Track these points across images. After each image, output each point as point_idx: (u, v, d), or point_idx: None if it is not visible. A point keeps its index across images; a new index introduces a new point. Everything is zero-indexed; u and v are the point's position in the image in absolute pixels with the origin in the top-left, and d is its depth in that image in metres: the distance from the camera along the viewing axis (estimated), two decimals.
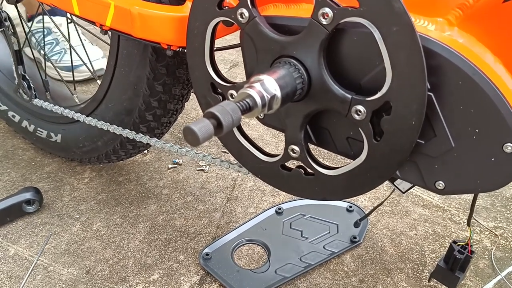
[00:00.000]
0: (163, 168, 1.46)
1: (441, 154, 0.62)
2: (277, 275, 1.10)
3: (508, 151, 0.57)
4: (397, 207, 1.33)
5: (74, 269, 1.11)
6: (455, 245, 0.95)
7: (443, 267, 0.98)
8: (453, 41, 0.57)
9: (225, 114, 0.56)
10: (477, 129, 0.57)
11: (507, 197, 1.37)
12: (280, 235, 1.21)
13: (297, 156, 0.74)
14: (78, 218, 1.26)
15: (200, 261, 1.13)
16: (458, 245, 0.95)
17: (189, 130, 0.53)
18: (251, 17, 0.66)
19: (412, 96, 0.57)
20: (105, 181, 1.40)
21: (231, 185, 1.39)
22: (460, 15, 0.57)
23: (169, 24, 0.81)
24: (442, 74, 0.56)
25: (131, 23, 0.83)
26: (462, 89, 0.56)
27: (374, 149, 0.65)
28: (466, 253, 0.94)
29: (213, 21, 0.70)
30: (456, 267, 0.95)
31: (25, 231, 1.22)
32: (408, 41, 0.54)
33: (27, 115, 1.41)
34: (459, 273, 0.96)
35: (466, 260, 0.94)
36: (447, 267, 0.97)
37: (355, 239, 1.19)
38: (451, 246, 0.96)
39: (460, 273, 0.96)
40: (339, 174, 0.71)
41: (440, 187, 0.65)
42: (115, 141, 1.22)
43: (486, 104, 0.55)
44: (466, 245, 0.95)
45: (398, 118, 0.60)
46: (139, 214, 1.28)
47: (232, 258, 1.15)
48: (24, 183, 1.38)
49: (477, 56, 0.56)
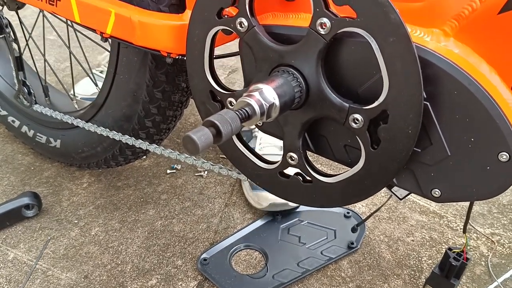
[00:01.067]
0: (161, 174, 1.46)
1: (437, 162, 0.63)
2: (275, 280, 1.10)
3: (503, 160, 0.57)
4: (395, 213, 1.33)
5: (73, 273, 1.11)
6: (451, 252, 0.96)
7: (438, 274, 0.98)
8: (449, 51, 0.58)
9: (224, 123, 0.57)
10: (472, 138, 0.58)
11: (504, 203, 1.38)
12: (277, 240, 1.21)
13: (295, 163, 0.75)
14: (76, 223, 1.26)
15: (198, 266, 1.13)
16: (454, 252, 0.96)
17: (189, 138, 0.54)
18: (250, 26, 0.67)
19: (409, 105, 0.58)
20: (103, 186, 1.40)
21: (229, 191, 1.40)
22: (456, 26, 0.58)
23: (169, 32, 0.82)
24: (438, 84, 0.57)
25: (132, 31, 0.84)
26: (458, 99, 0.57)
27: (372, 157, 0.66)
28: (462, 260, 0.94)
29: (212, 29, 0.71)
30: (451, 274, 0.96)
31: (24, 236, 1.22)
32: (404, 51, 0.54)
33: (27, 120, 1.41)
34: (454, 280, 0.96)
35: (462, 267, 0.95)
36: (442, 274, 0.97)
37: (353, 245, 1.20)
38: (446, 253, 0.96)
39: (455, 280, 0.96)
40: (337, 181, 0.72)
41: (436, 195, 0.65)
42: (114, 147, 1.23)
43: (481, 114, 0.56)
44: (462, 252, 0.95)
45: (395, 127, 0.61)
46: (138, 219, 1.28)
47: (230, 263, 1.15)
48: (24, 187, 1.39)
49: (473, 66, 0.57)
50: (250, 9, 0.66)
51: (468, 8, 0.56)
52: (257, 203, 1.28)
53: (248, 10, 0.66)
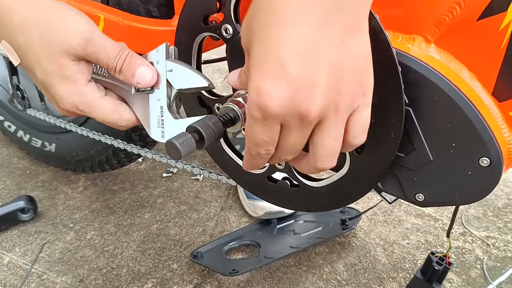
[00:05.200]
0: (157, 177, 1.47)
1: (420, 167, 0.63)
2: (266, 259, 1.13)
3: (484, 165, 0.57)
4: (390, 216, 1.33)
5: (68, 277, 1.12)
6: (433, 256, 0.95)
7: (420, 278, 0.97)
8: (430, 57, 0.58)
9: (207, 128, 0.57)
10: (453, 143, 0.58)
11: (499, 206, 1.38)
12: (272, 235, 1.23)
13: (282, 167, 0.75)
14: (72, 226, 1.27)
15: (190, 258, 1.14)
16: (436, 256, 0.95)
17: (171, 144, 0.54)
18: (235, 32, 0.67)
19: (390, 110, 0.58)
20: (99, 190, 1.41)
21: (225, 194, 1.40)
22: (437, 33, 0.58)
23: (158, 38, 0.82)
24: (419, 90, 0.57)
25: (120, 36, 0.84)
26: (439, 105, 0.57)
27: (356, 161, 0.66)
28: (444, 264, 0.94)
29: (198, 36, 0.72)
30: (433, 279, 0.95)
31: (19, 239, 1.23)
32: (384, 57, 0.55)
33: (22, 125, 1.42)
34: (437, 284, 0.95)
35: (444, 271, 0.94)
36: (424, 278, 0.96)
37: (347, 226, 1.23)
38: (429, 257, 0.96)
39: (438, 285, 0.95)
40: (323, 185, 0.72)
41: (420, 199, 0.65)
42: (108, 150, 1.23)
43: (461, 119, 0.56)
44: (444, 256, 0.95)
45: (377, 131, 0.61)
46: (133, 223, 1.29)
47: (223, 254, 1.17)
48: (19, 191, 1.40)
49: (453, 72, 0.57)
50: (235, 15, 0.66)
51: (448, 14, 0.56)
52: (253, 211, 1.29)
53: (233, 16, 0.66)
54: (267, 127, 0.48)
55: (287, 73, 0.43)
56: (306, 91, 0.43)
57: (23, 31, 0.58)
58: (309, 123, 0.46)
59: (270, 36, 0.43)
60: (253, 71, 0.45)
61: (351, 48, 0.45)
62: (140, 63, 0.61)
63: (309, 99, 0.44)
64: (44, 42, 0.57)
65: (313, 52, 0.43)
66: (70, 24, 0.58)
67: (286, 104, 0.44)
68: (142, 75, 0.60)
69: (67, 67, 0.58)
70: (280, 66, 0.43)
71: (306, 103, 0.44)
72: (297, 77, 0.43)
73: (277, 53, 0.43)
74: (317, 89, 0.44)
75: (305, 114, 0.45)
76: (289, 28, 0.42)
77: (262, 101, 0.44)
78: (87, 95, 0.60)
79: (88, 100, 0.61)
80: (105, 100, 0.62)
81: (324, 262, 1.18)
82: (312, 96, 0.44)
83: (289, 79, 0.43)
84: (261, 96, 0.44)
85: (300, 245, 1.17)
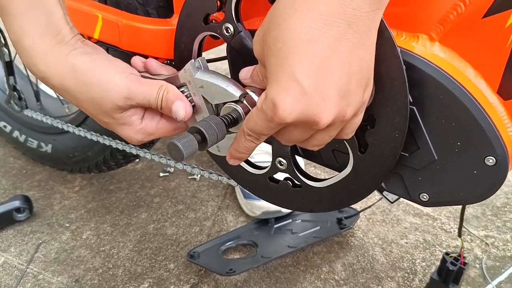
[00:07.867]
0: (154, 177, 1.46)
1: (425, 167, 0.62)
2: (263, 258, 1.12)
3: (489, 164, 0.57)
4: (388, 215, 1.33)
5: (64, 277, 1.11)
6: (448, 256, 0.95)
7: (436, 279, 0.97)
8: (434, 55, 0.57)
9: (210, 129, 0.57)
10: (459, 142, 0.58)
11: (498, 206, 1.37)
12: (270, 234, 1.22)
13: (284, 168, 0.75)
14: (68, 226, 1.26)
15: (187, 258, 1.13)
16: (451, 257, 0.95)
17: (173, 145, 0.54)
18: (236, 31, 0.66)
19: (395, 110, 0.58)
20: (95, 190, 1.40)
21: (222, 194, 1.40)
22: (441, 30, 0.57)
23: (157, 37, 0.81)
24: (424, 88, 0.57)
25: (119, 36, 0.83)
26: (443, 103, 0.56)
27: (359, 161, 0.66)
28: (459, 264, 0.94)
29: (199, 35, 0.71)
30: (449, 279, 0.95)
31: (15, 239, 1.22)
32: (389, 56, 0.54)
33: (18, 125, 1.41)
34: (453, 285, 0.95)
35: (459, 271, 0.94)
36: (441, 279, 0.96)
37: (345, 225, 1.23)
38: (444, 258, 0.96)
39: (454, 286, 0.95)
40: (326, 186, 0.72)
41: (424, 199, 0.65)
42: (106, 151, 1.22)
43: (466, 118, 0.56)
44: (459, 256, 0.94)
45: (382, 131, 0.61)
46: (130, 222, 1.28)
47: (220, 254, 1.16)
48: (15, 191, 1.38)
49: (458, 70, 0.57)
50: (236, 14, 0.65)
51: (453, 12, 0.56)
52: (250, 211, 1.28)
53: (234, 15, 0.65)
54: (272, 126, 0.52)
55: (301, 88, 0.47)
56: (318, 104, 0.48)
57: (68, 93, 0.64)
58: (316, 129, 0.52)
59: (284, 52, 0.47)
60: (269, 83, 0.49)
61: (359, 62, 0.48)
62: (174, 99, 0.64)
63: (321, 112, 0.48)
64: (91, 102, 0.64)
65: (325, 69, 0.47)
66: (108, 86, 0.62)
67: (298, 115, 0.48)
68: (177, 111, 0.64)
69: (120, 118, 0.65)
70: (294, 81, 0.47)
71: (317, 116, 0.48)
72: (310, 91, 0.47)
73: (292, 68, 0.47)
74: (328, 102, 0.48)
75: (315, 123, 0.49)
76: (303, 45, 0.46)
77: (277, 112, 0.48)
78: (146, 129, 0.68)
79: (149, 132, 0.68)
80: (162, 123, 0.69)
81: (322, 261, 1.17)
82: (324, 108, 0.48)
83: (303, 93, 0.47)
84: (276, 107, 0.48)
85: (297, 245, 1.16)
